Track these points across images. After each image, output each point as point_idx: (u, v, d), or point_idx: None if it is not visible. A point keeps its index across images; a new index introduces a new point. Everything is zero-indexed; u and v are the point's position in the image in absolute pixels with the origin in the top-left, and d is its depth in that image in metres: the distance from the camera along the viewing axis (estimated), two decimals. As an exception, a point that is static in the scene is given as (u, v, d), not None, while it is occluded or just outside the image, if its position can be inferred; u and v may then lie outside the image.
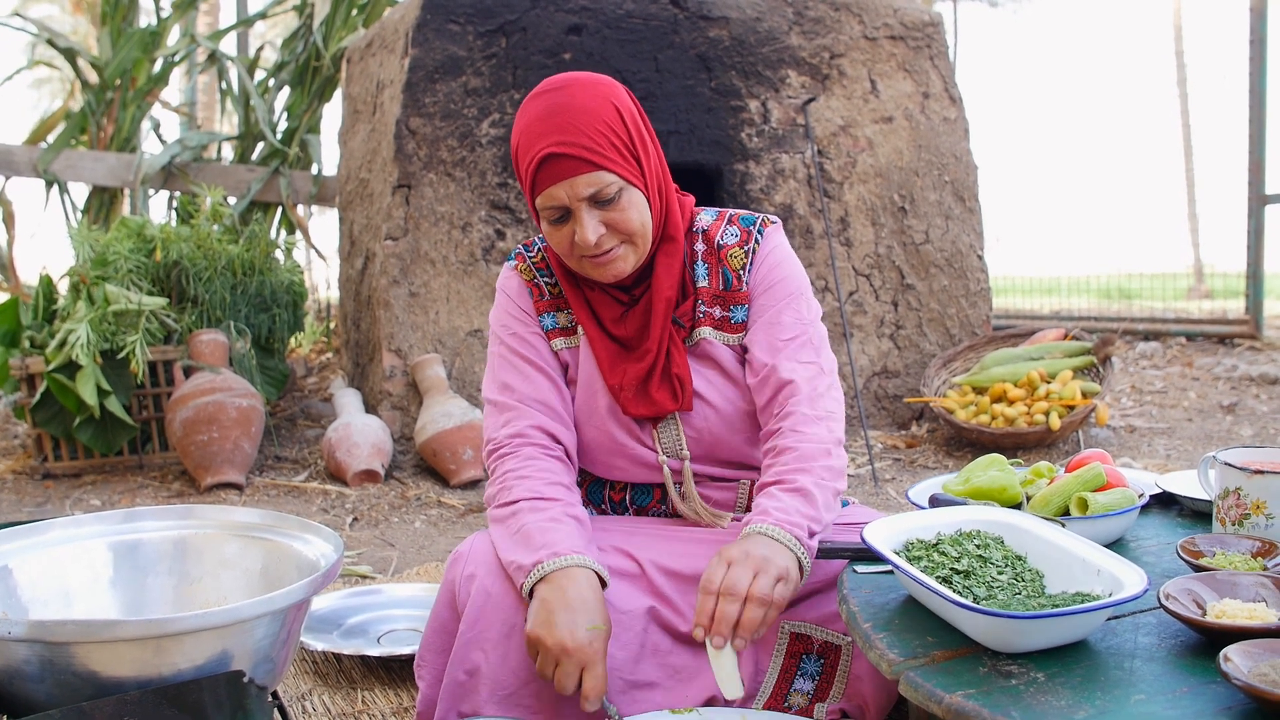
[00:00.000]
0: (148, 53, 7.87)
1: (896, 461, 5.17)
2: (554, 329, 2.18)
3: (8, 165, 7.42)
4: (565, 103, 1.95)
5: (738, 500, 2.20)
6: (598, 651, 1.80)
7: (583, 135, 1.92)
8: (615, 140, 1.95)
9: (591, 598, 1.86)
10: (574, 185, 1.92)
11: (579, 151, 1.91)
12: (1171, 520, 2.20)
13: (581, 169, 1.92)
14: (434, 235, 5.27)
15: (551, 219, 1.99)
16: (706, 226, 2.18)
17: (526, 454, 2.10)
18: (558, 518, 1.98)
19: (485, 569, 1.98)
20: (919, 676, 1.48)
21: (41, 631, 1.55)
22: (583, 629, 1.80)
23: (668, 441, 2.13)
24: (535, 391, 2.14)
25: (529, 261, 2.23)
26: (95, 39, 8.24)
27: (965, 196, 6.01)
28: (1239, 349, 7.05)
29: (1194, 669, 1.46)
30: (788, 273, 2.15)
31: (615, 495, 2.24)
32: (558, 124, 1.93)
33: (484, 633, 1.93)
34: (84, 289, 5.14)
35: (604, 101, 1.97)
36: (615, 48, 5.44)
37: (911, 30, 5.99)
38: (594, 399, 2.14)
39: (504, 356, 2.19)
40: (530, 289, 2.20)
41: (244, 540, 2.07)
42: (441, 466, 4.90)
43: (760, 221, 2.18)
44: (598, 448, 2.17)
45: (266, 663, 1.73)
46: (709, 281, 2.14)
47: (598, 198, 1.94)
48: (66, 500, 4.75)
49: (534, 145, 1.94)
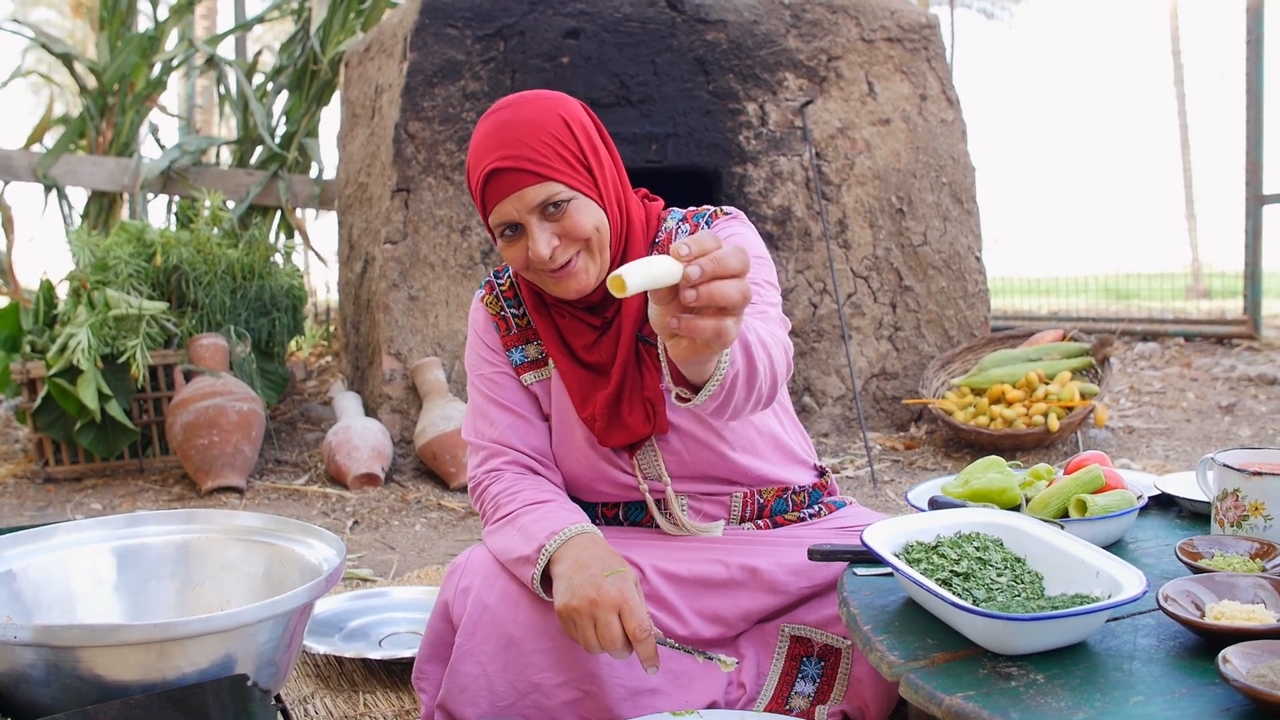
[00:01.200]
0: (146, 57, 7.89)
1: (895, 463, 5.18)
2: (523, 363, 2.16)
3: (7, 170, 7.43)
4: (510, 118, 1.92)
5: (730, 512, 2.18)
6: (626, 592, 1.77)
7: (525, 148, 1.89)
8: (562, 151, 1.91)
9: (603, 551, 1.86)
10: (521, 198, 1.89)
11: (523, 164, 1.88)
12: (1170, 522, 2.21)
13: (526, 181, 1.88)
14: (433, 239, 5.28)
15: (505, 235, 1.95)
16: (670, 230, 2.12)
17: (510, 477, 2.10)
18: (553, 510, 1.99)
19: (481, 581, 1.99)
20: (919, 678, 1.49)
21: (47, 636, 1.55)
22: (603, 578, 1.79)
23: (648, 466, 2.11)
24: (505, 434, 2.13)
25: (497, 292, 2.20)
26: (94, 44, 8.24)
27: (963, 198, 6.02)
28: (1237, 349, 7.06)
29: (1193, 670, 1.47)
30: (737, 241, 2.02)
31: (609, 512, 2.23)
32: (501, 139, 1.90)
33: (481, 645, 1.93)
34: (84, 294, 5.15)
35: (550, 115, 1.94)
36: (613, 51, 5.45)
37: (908, 32, 6.00)
38: (570, 431, 2.12)
39: (475, 399, 2.19)
40: (497, 323, 2.18)
41: (246, 544, 2.08)
42: (441, 469, 4.91)
43: (711, 214, 2.13)
44: (579, 478, 2.16)
45: (270, 666, 1.74)
46: None
47: (546, 208, 1.90)
48: (68, 504, 4.76)
49: (480, 162, 1.92)
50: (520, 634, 1.92)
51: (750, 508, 2.19)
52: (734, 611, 2.06)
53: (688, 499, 2.15)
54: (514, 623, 1.93)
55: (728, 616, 2.06)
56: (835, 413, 5.74)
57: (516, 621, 1.93)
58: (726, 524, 2.18)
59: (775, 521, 2.21)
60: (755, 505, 2.19)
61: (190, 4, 8.21)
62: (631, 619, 1.75)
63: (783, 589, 2.07)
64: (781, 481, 2.21)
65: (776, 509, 2.22)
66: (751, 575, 2.06)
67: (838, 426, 5.73)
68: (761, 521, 2.20)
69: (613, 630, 1.75)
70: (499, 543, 2.01)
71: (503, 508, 2.04)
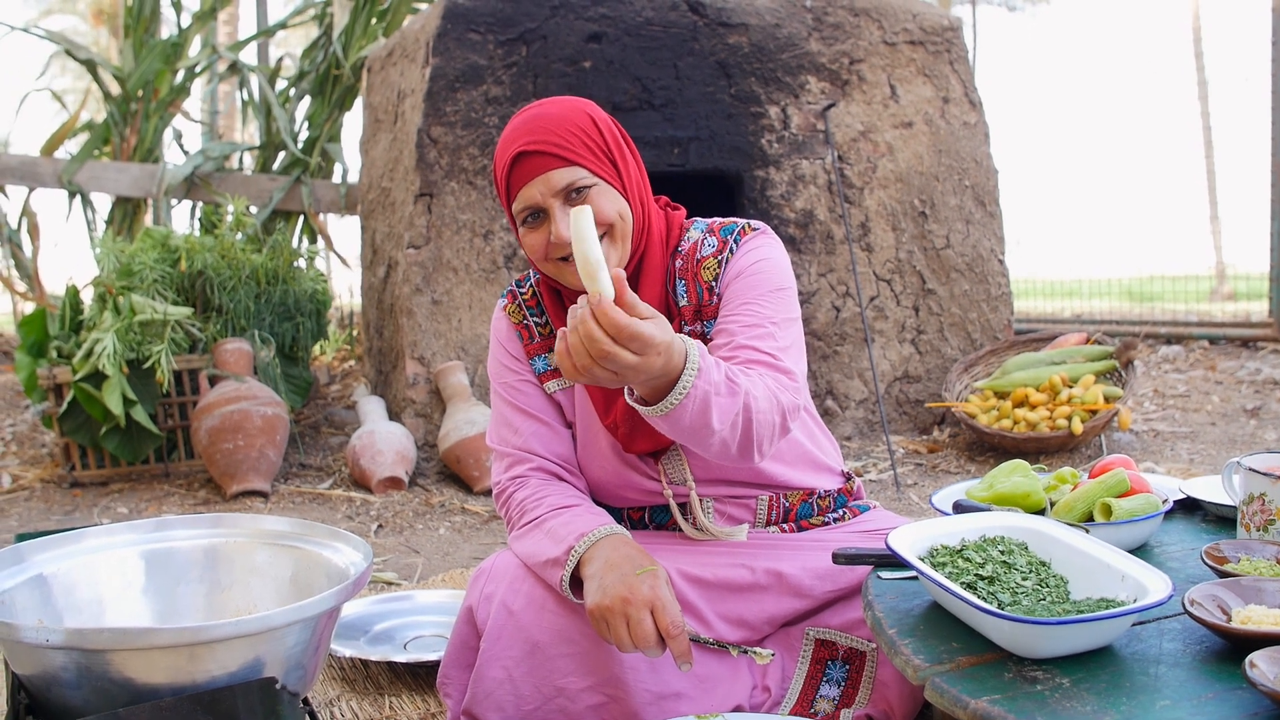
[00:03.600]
0: (169, 64, 7.93)
1: (918, 466, 5.17)
2: (546, 372, 2.18)
3: (32, 177, 7.48)
4: (539, 113, 1.98)
5: (756, 514, 2.19)
6: (658, 590, 1.78)
7: (553, 134, 1.94)
8: (587, 141, 1.96)
9: (633, 551, 1.87)
10: (547, 180, 1.93)
11: (550, 148, 1.93)
12: (1196, 526, 2.20)
13: (552, 164, 1.93)
14: (456, 243, 5.30)
15: (526, 222, 1.99)
16: (693, 240, 2.13)
17: (535, 484, 2.12)
18: (580, 514, 2.01)
19: (506, 586, 2.00)
20: (944, 682, 1.49)
21: (79, 639, 1.57)
22: (635, 576, 1.80)
23: (673, 471, 2.12)
24: (529, 441, 2.15)
25: (519, 300, 2.22)
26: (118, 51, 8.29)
27: (986, 201, 6.01)
28: (1262, 352, 7.02)
29: (1219, 675, 1.46)
30: (760, 270, 2.07)
31: (634, 515, 2.24)
32: (530, 128, 1.96)
33: (506, 650, 1.94)
34: (110, 299, 5.18)
35: (578, 111, 1.99)
36: (635, 55, 5.46)
37: (931, 35, 5.99)
38: (594, 439, 2.14)
39: (498, 407, 2.21)
40: (520, 332, 2.20)
41: (274, 548, 2.09)
42: (465, 473, 4.92)
43: (739, 230, 2.12)
44: (605, 484, 2.18)
45: (298, 669, 1.75)
46: (688, 299, 2.11)
47: (570, 192, 1.94)
48: (94, 508, 4.79)
49: (508, 148, 1.97)
50: (545, 639, 1.92)
51: (776, 511, 2.19)
52: (759, 616, 2.06)
53: (713, 502, 2.16)
54: (539, 628, 1.94)
55: (752, 620, 2.06)
56: (858, 416, 5.74)
57: (541, 626, 1.93)
58: (751, 527, 2.18)
59: (800, 525, 2.22)
60: (781, 509, 2.20)
61: (213, 10, 8.25)
62: (664, 615, 1.76)
63: (807, 593, 2.07)
64: (807, 487, 2.22)
65: (802, 513, 2.22)
66: (776, 579, 2.06)
67: (860, 430, 5.72)
68: (787, 525, 2.21)
69: (645, 628, 1.76)
70: (526, 547, 2.02)
71: (529, 513, 2.06)
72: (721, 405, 1.74)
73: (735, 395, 1.76)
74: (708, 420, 1.74)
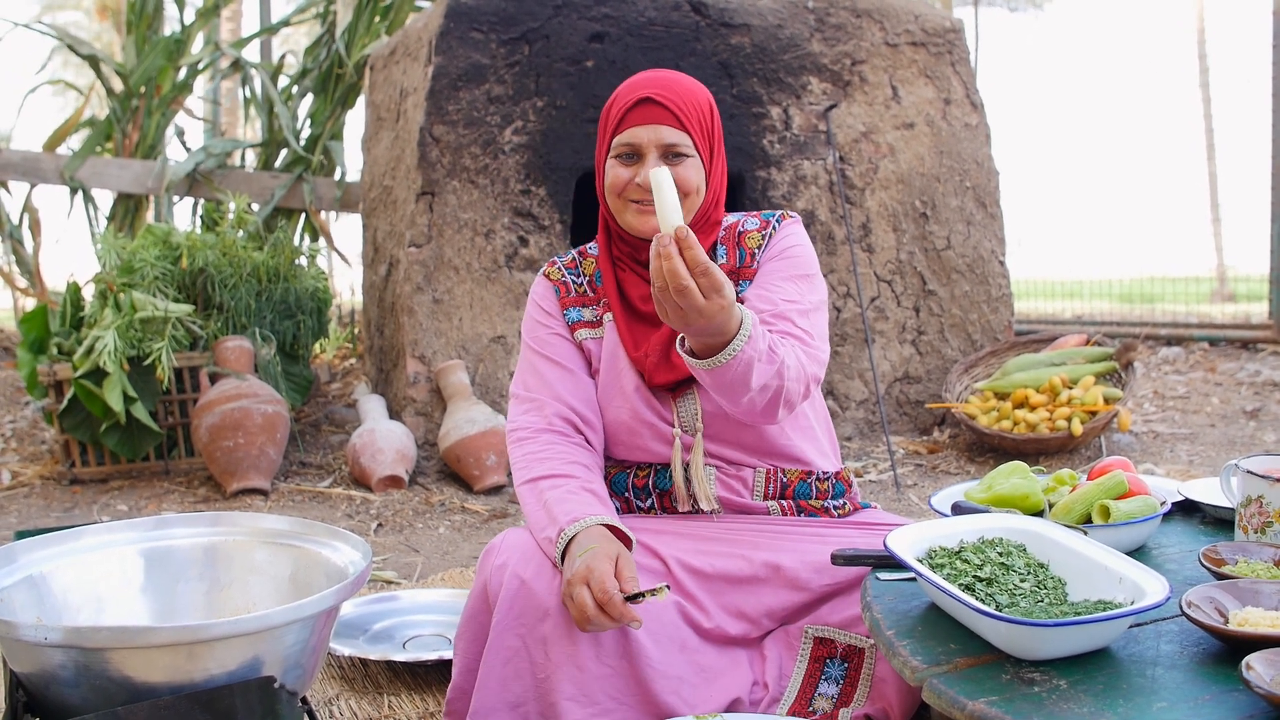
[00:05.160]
0: (172, 60, 7.93)
1: (918, 467, 5.18)
2: (579, 321, 2.29)
3: (34, 173, 7.49)
4: (673, 77, 2.16)
5: (754, 488, 2.23)
6: (592, 563, 1.86)
7: (681, 99, 2.12)
8: (702, 119, 2.15)
9: (588, 540, 1.94)
10: (657, 131, 2.10)
11: (675, 108, 2.10)
12: (1194, 528, 2.21)
13: (670, 120, 2.10)
14: (457, 242, 5.30)
15: (622, 156, 2.14)
16: (729, 221, 2.29)
17: (545, 439, 2.19)
18: (575, 490, 2.07)
19: (519, 557, 2.03)
20: (942, 683, 1.50)
21: (77, 637, 1.57)
22: (578, 560, 1.89)
23: (686, 416, 2.19)
24: (554, 388, 2.24)
25: (559, 265, 2.36)
26: (120, 46, 8.29)
27: (987, 202, 6.01)
28: (1262, 354, 7.02)
29: (1216, 677, 1.47)
30: (800, 254, 2.25)
31: (639, 481, 2.27)
32: (665, 82, 2.13)
33: (520, 617, 1.97)
34: (111, 296, 5.18)
35: (703, 91, 2.19)
36: (637, 55, 5.46)
37: (933, 36, 5.99)
38: (618, 378, 2.21)
39: (528, 359, 2.30)
40: (558, 287, 2.33)
41: (273, 547, 2.09)
42: (465, 472, 4.92)
43: (780, 215, 2.31)
44: (620, 426, 2.23)
45: (296, 668, 1.75)
46: (727, 259, 2.25)
47: (670, 153, 2.10)
48: (94, 505, 4.79)
49: (635, 90, 2.13)
50: (556, 604, 1.96)
51: (774, 485, 2.24)
52: (757, 608, 2.09)
53: (715, 471, 2.20)
54: (551, 594, 1.97)
55: (751, 613, 2.09)
56: (858, 416, 5.74)
57: (553, 593, 1.97)
58: (751, 498, 2.23)
59: (799, 505, 2.24)
60: (779, 483, 2.24)
61: (216, 7, 8.25)
62: (595, 586, 1.83)
63: (805, 586, 2.09)
64: (806, 463, 2.26)
65: (800, 492, 2.25)
66: (774, 572, 2.09)
67: (861, 430, 5.72)
68: (785, 502, 2.24)
69: (581, 600, 1.84)
70: (527, 508, 2.11)
71: (529, 469, 2.15)
72: (761, 370, 1.91)
73: (773, 363, 1.93)
74: (747, 381, 1.91)
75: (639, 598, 1.83)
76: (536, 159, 5.37)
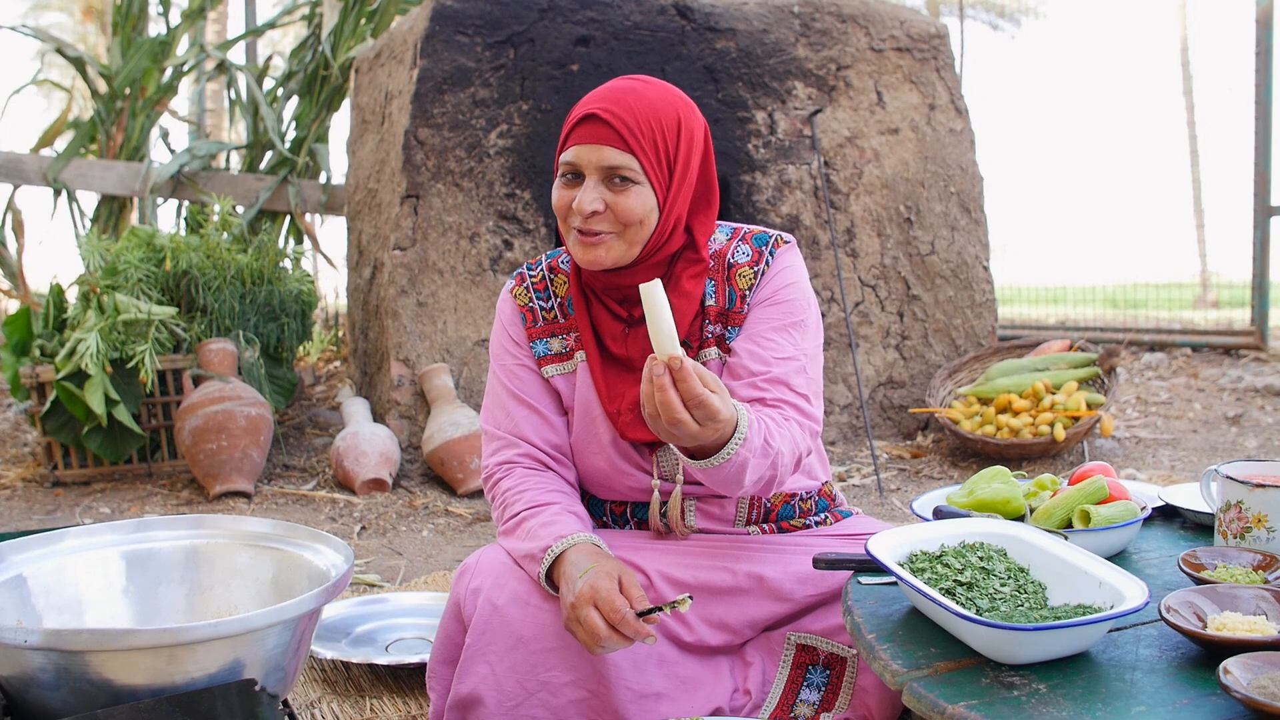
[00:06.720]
0: (157, 62, 7.90)
1: (902, 472, 5.19)
2: (547, 355, 2.19)
3: (17, 174, 7.46)
4: (636, 88, 2.00)
5: (736, 515, 2.19)
6: (595, 584, 1.82)
7: (631, 116, 1.95)
8: (658, 139, 1.97)
9: (581, 557, 1.90)
10: (600, 152, 1.95)
11: (621, 127, 1.94)
12: (1174, 533, 2.22)
13: (614, 141, 1.95)
14: (442, 245, 5.30)
15: (564, 176, 2.01)
16: (719, 245, 2.15)
17: (520, 474, 2.14)
18: (559, 514, 2.03)
19: (492, 582, 2.01)
20: (922, 687, 1.50)
21: (57, 640, 1.57)
22: (577, 581, 1.84)
23: (666, 466, 2.13)
24: (521, 427, 2.17)
25: (528, 284, 2.24)
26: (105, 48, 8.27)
27: (971, 208, 6.03)
28: (1244, 360, 7.05)
29: (1194, 681, 1.48)
30: (794, 295, 2.12)
31: (616, 509, 2.25)
32: (617, 98, 1.97)
33: (490, 645, 1.95)
34: (94, 298, 5.17)
35: (670, 106, 2.01)
36: (623, 59, 5.47)
37: (918, 42, 6.01)
38: (592, 426, 2.14)
39: (494, 388, 2.23)
40: (524, 314, 2.21)
41: (255, 550, 2.09)
42: (449, 475, 4.92)
43: (773, 241, 2.15)
44: (597, 473, 2.18)
45: (278, 671, 1.75)
46: (715, 299, 2.12)
47: (613, 176, 1.96)
48: (76, 508, 4.78)
49: (585, 105, 1.99)
50: (530, 633, 1.94)
51: (757, 511, 2.20)
52: (740, 619, 2.07)
53: (696, 501, 2.17)
54: (524, 623, 1.95)
55: (734, 624, 2.07)
56: (842, 421, 5.75)
57: (526, 621, 1.95)
58: (732, 525, 2.19)
59: (781, 527, 2.22)
60: (762, 509, 2.20)
61: (202, 9, 8.24)
62: (605, 606, 1.79)
63: (788, 597, 2.08)
64: (789, 490, 2.23)
65: (783, 514, 2.23)
66: (757, 583, 2.07)
67: (844, 435, 5.73)
68: (768, 525, 2.21)
69: (591, 622, 1.79)
70: (509, 544, 2.05)
71: (510, 507, 2.08)
72: (755, 466, 1.85)
73: (768, 457, 1.86)
74: (741, 478, 1.85)
75: (655, 612, 1.80)
76: (521, 163, 5.38)
